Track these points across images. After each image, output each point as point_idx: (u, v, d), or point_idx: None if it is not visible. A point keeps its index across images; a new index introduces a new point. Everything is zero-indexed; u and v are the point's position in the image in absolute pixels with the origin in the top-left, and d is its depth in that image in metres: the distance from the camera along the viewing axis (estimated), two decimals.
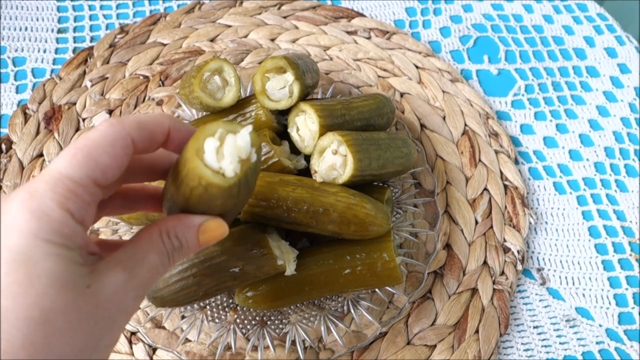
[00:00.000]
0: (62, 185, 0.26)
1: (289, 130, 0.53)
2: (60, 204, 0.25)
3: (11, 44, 0.71)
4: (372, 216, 0.47)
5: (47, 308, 0.24)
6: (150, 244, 0.30)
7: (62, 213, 0.25)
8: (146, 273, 0.29)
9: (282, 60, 0.52)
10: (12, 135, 0.63)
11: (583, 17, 0.80)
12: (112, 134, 0.28)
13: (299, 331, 0.50)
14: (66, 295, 0.25)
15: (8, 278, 0.24)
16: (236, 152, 0.30)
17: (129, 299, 0.28)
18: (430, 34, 0.77)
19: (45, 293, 0.24)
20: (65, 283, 0.25)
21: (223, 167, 0.30)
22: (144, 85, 0.67)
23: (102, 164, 0.27)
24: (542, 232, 0.61)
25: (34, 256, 0.24)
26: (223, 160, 0.30)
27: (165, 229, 0.30)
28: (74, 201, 0.26)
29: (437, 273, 0.57)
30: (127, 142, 0.28)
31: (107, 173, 0.27)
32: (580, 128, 0.69)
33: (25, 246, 0.24)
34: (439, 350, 0.53)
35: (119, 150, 0.28)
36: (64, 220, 0.25)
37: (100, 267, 0.27)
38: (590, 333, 0.56)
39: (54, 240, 0.25)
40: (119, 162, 0.28)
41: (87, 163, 0.27)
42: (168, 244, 0.30)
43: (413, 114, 0.67)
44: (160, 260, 0.30)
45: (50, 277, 0.24)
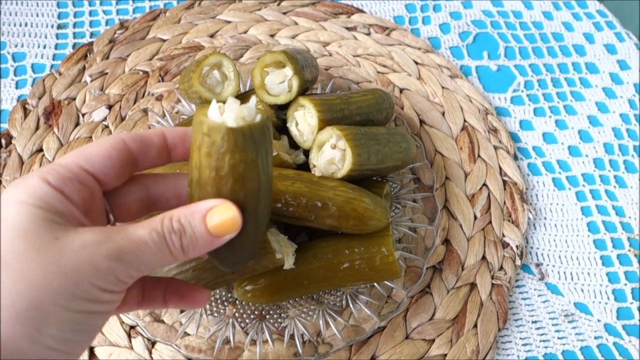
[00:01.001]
0: (47, 167, 0.30)
1: (287, 125, 0.53)
2: (39, 177, 0.29)
3: (11, 39, 0.71)
4: (371, 210, 0.47)
5: (5, 252, 0.26)
6: (145, 222, 0.29)
7: (38, 180, 0.28)
8: (129, 241, 0.28)
9: (281, 54, 0.52)
10: (11, 130, 0.63)
11: (583, 14, 0.80)
12: (105, 139, 0.32)
13: (297, 325, 0.50)
14: (27, 241, 0.26)
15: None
16: (238, 112, 0.30)
17: (99, 256, 0.27)
18: (429, 30, 0.77)
19: (5, 240, 0.26)
20: (28, 232, 0.27)
21: (225, 118, 0.30)
22: (143, 81, 0.68)
23: (87, 152, 0.31)
24: (541, 227, 0.61)
25: (5, 213, 0.27)
26: (225, 113, 0.30)
27: (169, 214, 0.30)
28: (52, 174, 0.29)
29: (435, 268, 0.57)
30: (116, 141, 0.32)
31: (92, 160, 0.31)
32: (580, 124, 0.69)
33: (5, 208, 0.27)
34: (438, 344, 0.53)
35: (106, 145, 0.32)
36: (38, 185, 0.28)
37: (78, 229, 0.28)
38: (588, 328, 0.56)
39: (27, 201, 0.28)
40: (106, 152, 0.31)
41: (74, 153, 0.31)
42: (167, 226, 0.29)
43: (412, 110, 0.67)
44: (150, 236, 0.29)
45: (14, 228, 0.27)
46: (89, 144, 0.32)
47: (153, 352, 0.52)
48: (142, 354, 0.51)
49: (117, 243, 0.28)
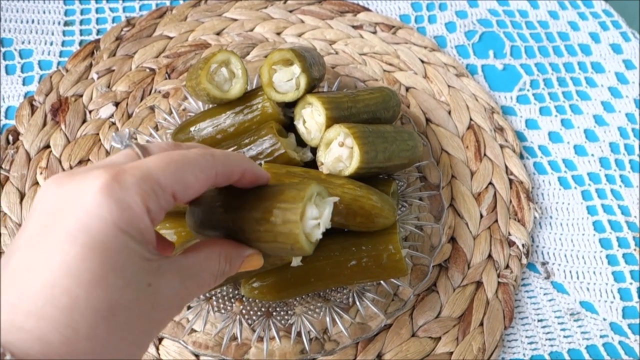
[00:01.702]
0: (149, 183, 0.27)
1: (295, 123, 0.53)
2: (142, 199, 0.26)
3: (18, 36, 0.71)
4: (378, 208, 0.47)
5: (114, 302, 0.24)
6: (208, 262, 0.31)
7: (142, 208, 0.26)
8: (195, 288, 0.30)
9: (289, 52, 0.52)
10: (19, 126, 0.63)
11: (588, 13, 0.80)
12: (205, 161, 0.30)
13: (304, 322, 0.50)
14: (132, 291, 0.25)
15: (84, 264, 0.24)
16: (326, 223, 0.34)
17: (176, 306, 0.29)
18: (435, 29, 0.77)
19: (115, 287, 0.24)
20: (132, 279, 0.25)
21: (313, 234, 0.34)
22: (150, 78, 0.68)
23: (186, 182, 0.28)
24: (547, 226, 0.62)
25: (112, 247, 0.25)
26: (319, 230, 0.34)
27: (225, 253, 0.32)
28: (155, 201, 0.27)
29: (442, 266, 0.57)
30: (212, 172, 0.30)
31: (187, 191, 0.29)
32: (585, 123, 0.69)
33: (104, 234, 0.25)
34: (444, 342, 0.53)
35: (203, 177, 0.29)
36: (143, 215, 0.26)
37: (161, 267, 0.28)
38: (594, 327, 0.56)
39: (132, 234, 0.26)
40: (199, 186, 0.30)
41: (176, 175, 0.28)
42: (222, 267, 0.32)
43: (418, 108, 0.67)
44: (208, 280, 0.31)
45: (122, 271, 0.25)
46: (189, 164, 0.29)
47: (160, 349, 0.52)
48: (149, 350, 0.52)
49: (189, 290, 0.30)
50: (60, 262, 0.24)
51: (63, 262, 0.24)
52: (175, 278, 0.28)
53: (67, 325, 0.23)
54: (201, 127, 0.55)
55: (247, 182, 0.34)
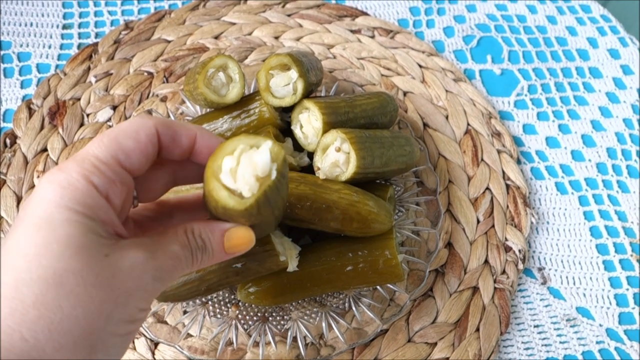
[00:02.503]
0: (88, 162, 0.28)
1: (292, 128, 0.53)
2: (84, 176, 0.27)
3: (16, 39, 0.72)
4: (375, 213, 0.47)
5: (60, 270, 0.25)
6: (174, 236, 0.30)
7: (85, 184, 0.27)
8: (167, 259, 0.29)
9: (286, 57, 0.52)
10: (16, 129, 0.63)
11: (586, 19, 0.80)
12: (137, 122, 0.30)
13: (300, 327, 0.50)
14: (81, 259, 0.25)
15: (28, 240, 0.25)
16: (252, 171, 0.29)
17: (147, 277, 0.28)
18: (433, 34, 0.77)
19: (60, 255, 0.25)
20: (81, 247, 0.26)
21: (239, 187, 0.29)
22: (148, 82, 0.68)
23: (125, 147, 0.29)
24: (544, 231, 0.62)
25: (54, 221, 0.26)
26: (237, 179, 0.29)
27: (190, 227, 0.31)
28: (98, 175, 0.28)
29: (438, 271, 0.57)
30: (151, 130, 0.30)
31: (130, 155, 0.29)
32: (583, 128, 0.69)
33: (47, 212, 0.26)
34: (440, 348, 0.53)
35: (143, 137, 0.30)
36: (86, 190, 0.27)
37: (121, 244, 0.28)
38: (590, 333, 0.56)
39: (76, 208, 0.26)
40: (142, 147, 0.30)
41: (111, 145, 0.29)
42: (192, 241, 0.31)
43: (416, 113, 0.67)
44: (182, 252, 0.30)
45: (66, 241, 0.25)
46: (123, 133, 0.29)
47: (156, 353, 0.52)
48: (145, 354, 0.51)
49: (160, 261, 0.29)
50: (10, 244, 0.26)
51: (12, 243, 0.26)
52: (138, 251, 0.28)
53: (13, 298, 0.24)
54: None
55: (207, 150, 0.32)
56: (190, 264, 0.31)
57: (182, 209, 0.37)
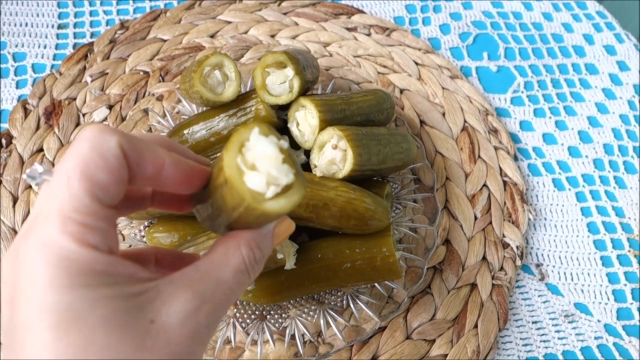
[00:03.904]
0: (72, 222, 0.22)
1: (289, 125, 0.53)
2: (80, 243, 0.22)
3: (11, 39, 0.71)
4: (372, 210, 0.47)
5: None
6: (226, 258, 0.26)
7: (86, 251, 0.22)
8: (221, 296, 0.25)
9: (282, 55, 0.52)
10: (12, 130, 0.63)
11: (582, 15, 0.80)
12: (100, 143, 0.23)
13: (298, 325, 0.50)
14: (130, 339, 0.22)
15: (61, 344, 0.21)
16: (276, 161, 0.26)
17: (202, 328, 0.24)
18: (429, 31, 0.77)
19: (107, 345, 0.21)
20: (124, 325, 0.22)
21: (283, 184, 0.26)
22: (144, 81, 0.68)
23: (99, 182, 0.23)
24: (541, 228, 0.62)
25: (78, 309, 0.21)
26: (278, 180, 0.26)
27: (245, 240, 0.27)
28: (92, 234, 0.23)
29: (436, 268, 0.57)
30: (117, 152, 0.24)
31: (109, 190, 0.23)
32: (579, 125, 0.69)
33: (63, 302, 0.21)
34: (438, 344, 0.53)
35: (113, 161, 0.23)
36: (91, 258, 0.22)
37: (162, 291, 0.24)
38: (588, 328, 0.56)
39: (92, 283, 0.22)
40: (117, 175, 0.24)
41: (84, 187, 0.23)
42: (249, 256, 0.27)
43: (412, 110, 0.67)
44: (235, 279, 0.26)
45: (106, 325, 0.21)
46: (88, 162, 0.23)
47: None
48: None
49: (214, 304, 0.25)
50: (35, 351, 0.21)
51: (37, 349, 0.21)
52: (186, 299, 0.24)
53: None
54: (195, 130, 0.55)
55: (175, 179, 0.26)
56: (246, 286, 0.27)
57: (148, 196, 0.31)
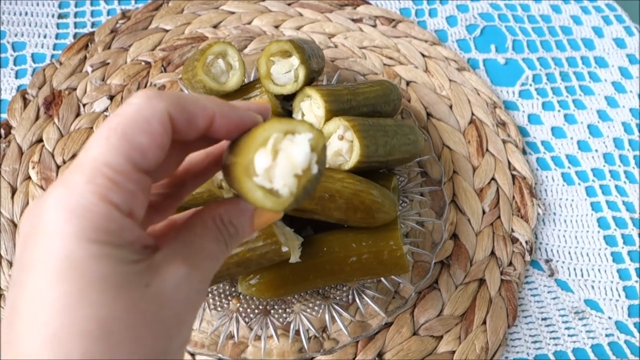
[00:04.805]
0: (101, 175, 0.22)
1: (293, 116, 0.52)
2: (102, 197, 0.22)
3: (11, 28, 0.70)
4: (379, 203, 0.46)
5: (104, 317, 0.21)
6: (205, 230, 0.27)
7: (105, 207, 0.22)
8: (207, 262, 0.26)
9: (287, 43, 0.51)
10: (11, 120, 0.62)
11: (591, 7, 0.79)
12: (147, 108, 0.24)
13: (303, 320, 0.49)
14: (124, 299, 0.22)
15: (56, 290, 0.21)
16: (290, 170, 0.25)
17: (193, 293, 0.25)
18: (436, 23, 0.76)
19: (100, 301, 0.21)
20: (120, 286, 0.22)
21: (274, 186, 0.25)
22: (145, 71, 0.66)
23: (139, 145, 0.23)
24: (551, 223, 0.60)
25: (81, 261, 0.21)
26: (275, 179, 0.25)
27: (218, 214, 0.27)
28: (117, 192, 0.22)
29: (443, 263, 0.56)
30: (164, 118, 0.24)
31: (147, 155, 0.23)
32: (589, 119, 0.68)
33: (69, 250, 0.21)
34: (446, 341, 0.52)
35: (157, 127, 0.23)
36: (109, 214, 0.22)
37: (157, 261, 0.24)
38: (599, 325, 0.55)
39: (101, 239, 0.22)
40: (159, 140, 0.24)
41: (122, 146, 0.23)
42: (224, 231, 0.27)
43: (419, 103, 0.66)
44: (218, 248, 0.27)
45: (103, 282, 0.21)
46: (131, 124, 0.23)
47: None
48: None
49: (201, 270, 0.26)
50: (30, 295, 0.21)
51: (33, 294, 0.21)
52: (179, 266, 0.24)
53: None
54: None
55: (226, 130, 0.27)
56: (225, 255, 0.28)
57: (192, 173, 0.32)
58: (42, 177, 0.58)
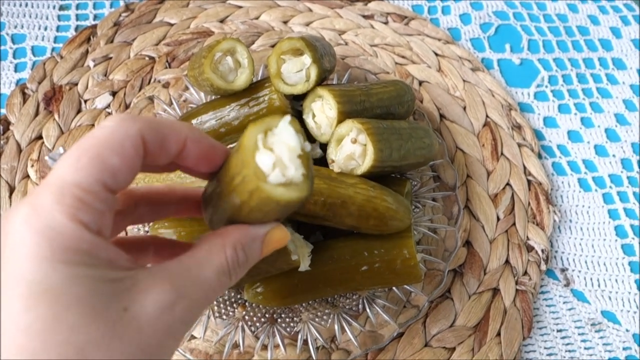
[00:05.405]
0: (70, 195, 0.22)
1: (304, 117, 0.50)
2: (71, 217, 0.22)
3: (10, 20, 0.68)
4: (393, 210, 0.44)
5: (82, 342, 0.21)
6: (209, 257, 0.26)
7: (75, 227, 0.22)
8: (200, 294, 0.25)
9: (299, 41, 0.48)
10: (9, 115, 0.60)
11: (609, 7, 0.76)
12: (120, 130, 0.24)
13: (311, 330, 0.47)
14: (101, 323, 0.21)
15: (30, 315, 0.20)
16: (293, 153, 0.26)
17: (177, 324, 0.24)
18: (449, 21, 0.73)
19: (76, 325, 0.21)
20: (97, 308, 0.21)
21: (289, 175, 0.26)
22: (149, 67, 0.64)
23: (111, 166, 0.23)
24: (566, 230, 0.58)
25: (54, 284, 0.21)
26: (286, 169, 0.26)
27: (231, 241, 0.27)
28: (86, 211, 0.22)
29: (456, 271, 0.54)
30: (137, 141, 0.24)
31: (117, 176, 0.24)
32: (606, 122, 0.66)
33: (40, 274, 0.21)
34: (459, 353, 0.50)
35: (129, 150, 0.24)
36: (79, 235, 0.22)
37: (139, 280, 0.23)
38: (616, 338, 0.53)
39: (73, 260, 0.21)
40: (130, 162, 0.24)
41: (94, 166, 0.23)
42: (233, 259, 0.26)
43: (432, 104, 0.64)
44: (218, 279, 0.26)
45: (78, 305, 0.21)
46: (104, 145, 0.23)
47: None
48: None
49: (190, 301, 0.24)
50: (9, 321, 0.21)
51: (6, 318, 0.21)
52: (164, 291, 0.23)
53: None
54: (203, 120, 0.51)
55: (196, 155, 0.27)
56: (226, 287, 0.27)
57: (150, 200, 0.32)
58: (41, 176, 0.56)
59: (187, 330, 0.25)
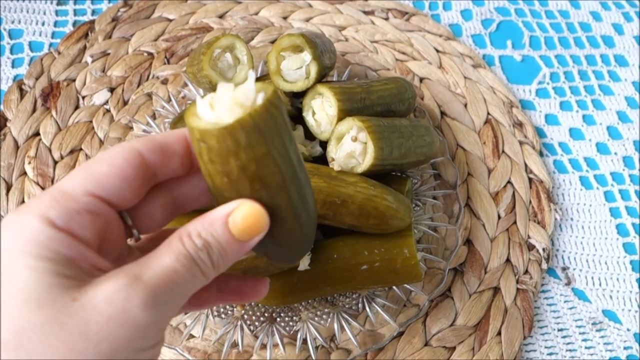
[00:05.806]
0: (47, 196, 0.24)
1: (304, 114, 0.49)
2: (37, 213, 0.23)
3: (8, 15, 0.67)
4: (394, 209, 0.44)
5: (19, 329, 0.21)
6: (167, 247, 0.25)
7: (38, 222, 0.23)
8: (158, 276, 0.24)
9: (299, 38, 0.48)
10: (6, 112, 0.59)
11: (611, 3, 0.76)
12: (118, 146, 0.27)
13: (310, 329, 0.47)
14: (42, 312, 0.22)
15: None
16: (233, 100, 0.24)
17: (134, 308, 0.23)
18: (450, 17, 0.73)
19: (17, 312, 0.22)
20: (41, 297, 0.22)
21: (217, 115, 0.25)
22: (148, 63, 0.64)
23: (97, 173, 0.25)
24: (567, 228, 0.58)
25: (7, 272, 0.22)
26: (216, 108, 0.25)
27: (184, 229, 0.26)
28: (55, 208, 0.24)
29: (456, 270, 0.54)
30: (130, 153, 0.26)
31: (102, 181, 0.25)
32: (608, 120, 0.66)
33: (5, 263, 0.22)
34: (459, 352, 0.50)
35: (119, 160, 0.26)
36: (40, 228, 0.23)
37: (98, 279, 0.23)
38: (617, 337, 0.53)
39: (28, 251, 0.22)
40: (118, 170, 0.26)
41: (81, 173, 0.25)
42: (190, 245, 0.25)
43: (433, 101, 0.63)
44: (179, 263, 0.24)
45: (25, 293, 0.22)
46: (97, 160, 0.26)
47: None
48: None
49: (148, 282, 0.23)
50: None
51: None
52: (117, 279, 0.23)
53: None
54: None
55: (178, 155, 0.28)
56: (200, 273, 0.25)
57: None
58: (39, 173, 0.56)
59: (156, 316, 0.24)
